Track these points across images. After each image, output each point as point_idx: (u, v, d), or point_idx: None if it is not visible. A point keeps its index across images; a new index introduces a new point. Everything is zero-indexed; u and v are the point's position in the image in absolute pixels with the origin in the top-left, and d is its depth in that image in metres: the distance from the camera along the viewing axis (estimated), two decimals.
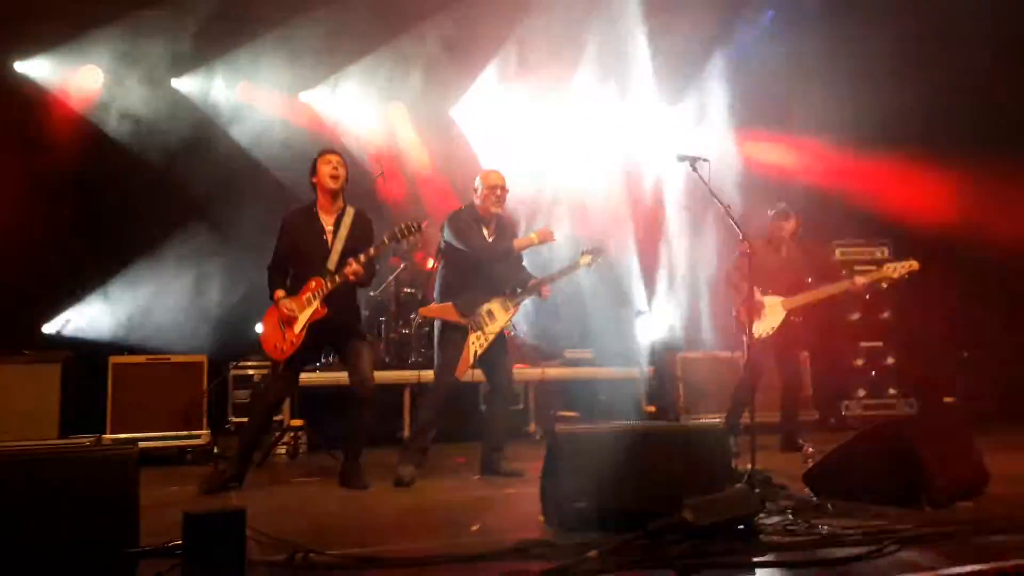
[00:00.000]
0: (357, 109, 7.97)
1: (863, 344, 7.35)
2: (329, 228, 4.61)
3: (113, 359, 5.72)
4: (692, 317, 7.58)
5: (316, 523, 3.60)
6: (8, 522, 2.53)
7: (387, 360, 6.66)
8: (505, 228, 5.02)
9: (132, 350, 6.06)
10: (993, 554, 2.74)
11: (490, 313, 4.81)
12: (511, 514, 3.77)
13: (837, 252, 7.44)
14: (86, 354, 6.06)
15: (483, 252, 4.80)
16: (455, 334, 4.78)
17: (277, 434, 5.84)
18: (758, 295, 5.68)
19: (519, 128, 8.17)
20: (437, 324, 4.94)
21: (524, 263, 5.17)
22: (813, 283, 5.81)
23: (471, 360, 4.76)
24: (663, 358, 7.16)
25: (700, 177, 4.21)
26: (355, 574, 2.75)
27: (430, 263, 6.65)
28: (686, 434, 3.74)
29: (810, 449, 4.85)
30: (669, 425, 5.47)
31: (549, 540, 3.02)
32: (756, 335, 5.62)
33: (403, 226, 4.49)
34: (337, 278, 4.48)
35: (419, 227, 4.52)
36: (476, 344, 4.76)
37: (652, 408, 6.77)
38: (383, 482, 4.60)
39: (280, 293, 4.58)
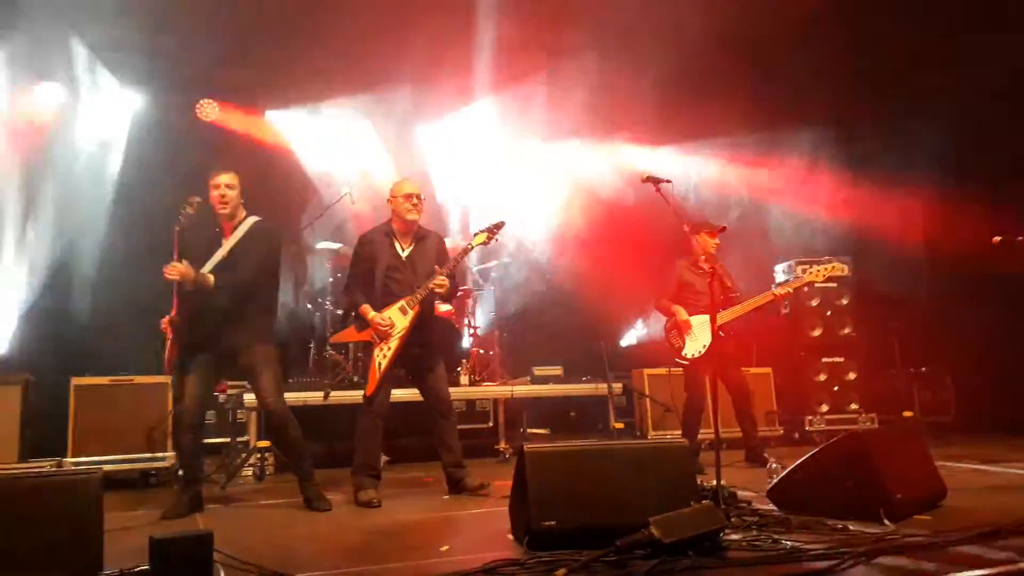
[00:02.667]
0: (325, 127, 8.03)
1: (825, 360, 7.49)
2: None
3: (75, 380, 5.62)
4: (659, 334, 7.68)
5: (284, 545, 3.58)
6: None
7: (356, 379, 6.63)
8: (427, 242, 4.93)
9: (94, 371, 5.94)
10: (950, 565, 2.83)
11: (388, 321, 4.70)
12: (480, 533, 3.78)
13: (799, 269, 7.61)
14: (47, 375, 5.94)
15: (343, 293, 5.09)
16: (367, 353, 4.80)
17: (244, 455, 5.78)
18: (684, 315, 5.76)
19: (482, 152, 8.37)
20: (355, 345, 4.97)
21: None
22: (738, 298, 5.83)
23: (378, 374, 4.66)
24: (630, 375, 7.23)
25: (664, 197, 4.29)
26: None
27: None
28: (653, 451, 3.77)
29: (774, 464, 4.93)
30: (636, 442, 5.52)
31: (518, 559, 3.03)
32: (689, 355, 5.71)
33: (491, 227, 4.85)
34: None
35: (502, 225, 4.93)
36: (380, 356, 4.68)
37: (620, 425, 6.82)
38: (350, 504, 4.58)
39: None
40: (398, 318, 4.71)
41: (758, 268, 7.15)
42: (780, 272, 7.74)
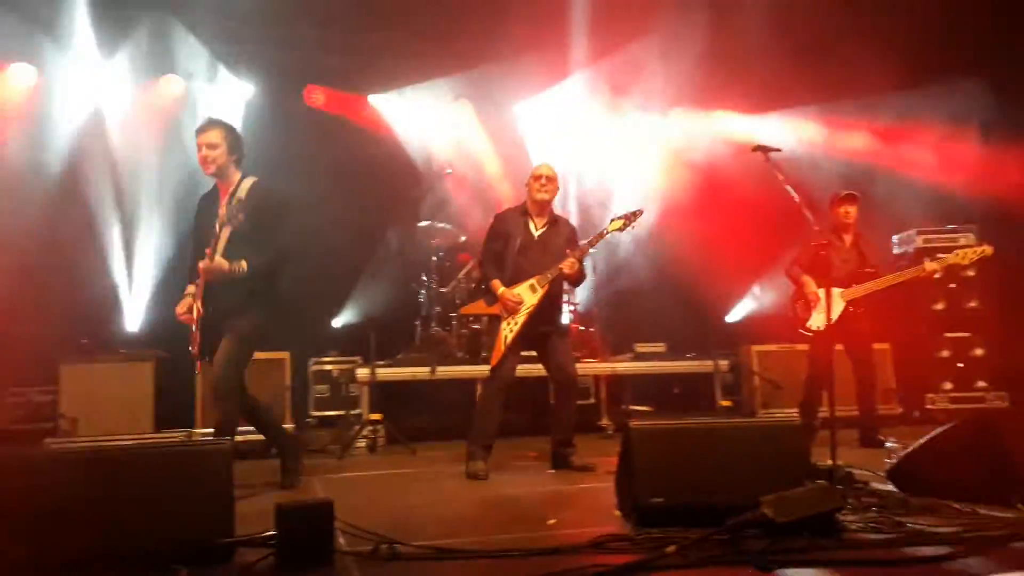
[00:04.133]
0: (424, 107, 8.17)
1: (948, 335, 7.08)
2: None
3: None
4: (768, 308, 7.48)
5: (397, 514, 3.71)
6: (116, 512, 2.70)
7: (460, 355, 6.76)
8: (559, 226, 5.06)
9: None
10: None
11: (518, 297, 4.83)
12: (586, 509, 3.80)
13: (920, 239, 7.20)
14: (176, 352, 6.35)
15: (480, 267, 5.04)
16: (493, 325, 4.90)
17: (357, 428, 6.01)
18: (813, 287, 5.53)
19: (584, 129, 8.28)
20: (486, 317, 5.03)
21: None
22: (876, 272, 5.57)
23: (502, 347, 4.77)
24: (739, 352, 7.06)
25: (775, 167, 4.13)
26: (437, 565, 2.83)
27: None
28: (763, 429, 3.68)
29: (893, 443, 4.72)
30: (746, 420, 5.40)
31: (626, 535, 3.04)
32: (814, 328, 5.49)
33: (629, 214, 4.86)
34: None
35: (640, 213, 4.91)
36: (507, 330, 4.80)
37: (727, 403, 6.68)
38: (458, 476, 4.69)
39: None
40: (527, 295, 4.83)
41: (874, 238, 6.77)
42: (898, 243, 7.34)
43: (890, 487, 3.73)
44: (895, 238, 7.35)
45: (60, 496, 2.61)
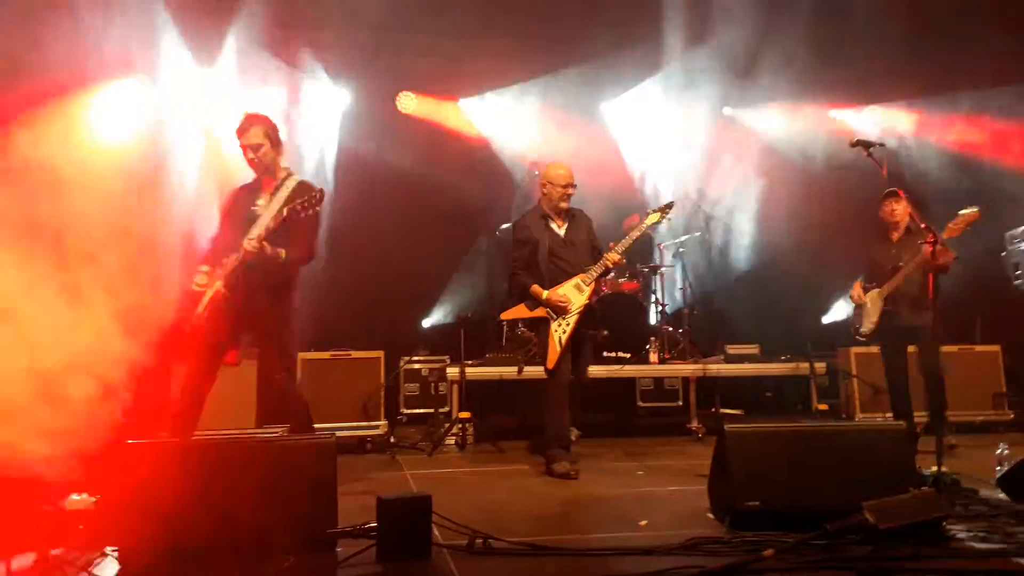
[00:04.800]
0: (511, 109, 8.26)
1: None
2: None
3: (302, 355, 6.22)
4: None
5: (489, 511, 3.77)
6: (227, 503, 2.85)
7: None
8: (578, 220, 5.12)
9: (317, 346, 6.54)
10: None
11: (564, 298, 4.88)
12: (679, 510, 3.76)
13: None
14: None
15: (513, 275, 5.03)
16: (541, 328, 4.94)
17: (447, 425, 6.13)
18: (855, 291, 5.33)
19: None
20: (527, 323, 5.13)
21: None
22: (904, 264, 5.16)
23: (559, 348, 4.81)
24: (836, 354, 6.83)
25: (876, 162, 4.00)
26: (530, 562, 2.88)
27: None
28: (863, 433, 3.58)
29: (1005, 451, 4.48)
30: (843, 424, 5.23)
31: (722, 537, 3.01)
32: (864, 332, 5.28)
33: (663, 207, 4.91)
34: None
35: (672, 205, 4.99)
36: (559, 331, 4.84)
37: (824, 406, 6.48)
38: (545, 475, 4.74)
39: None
40: (574, 295, 4.89)
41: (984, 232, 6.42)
42: (1016, 236, 6.95)
43: (1001, 495, 3.56)
44: (1008, 234, 6.96)
45: (180, 488, 2.79)
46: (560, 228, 5.08)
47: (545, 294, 4.88)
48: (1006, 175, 7.28)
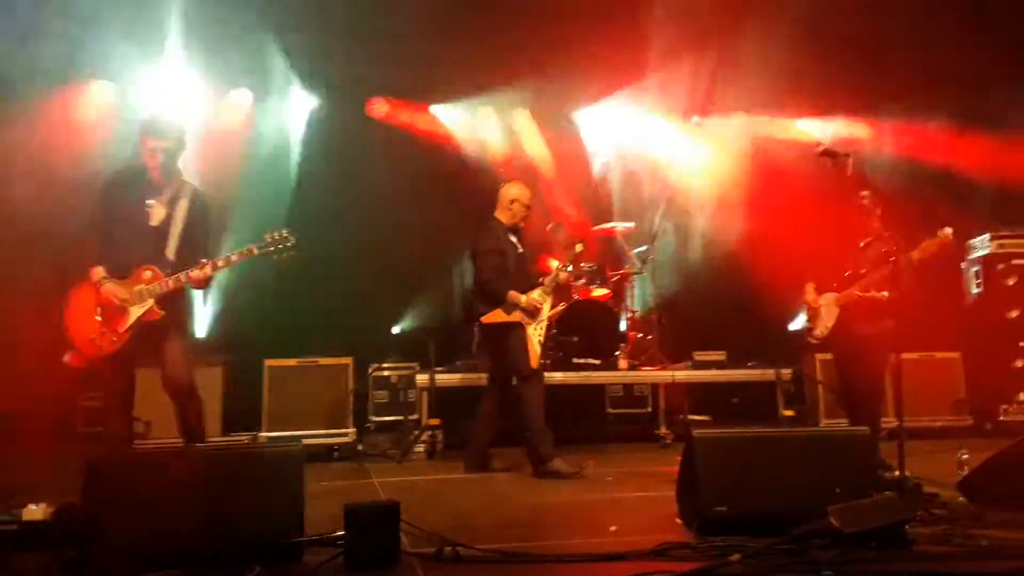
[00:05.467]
0: (482, 117, 8.26)
1: (1023, 344, 6.83)
2: None
3: (268, 362, 6.15)
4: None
5: (459, 518, 3.75)
6: (194, 512, 2.80)
7: None
8: (523, 234, 5.42)
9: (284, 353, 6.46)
10: None
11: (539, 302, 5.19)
12: (648, 516, 3.78)
13: (993, 244, 6.97)
14: (243, 356, 6.54)
15: (490, 281, 5.16)
16: (514, 333, 5.08)
17: (417, 432, 6.09)
18: (810, 294, 5.26)
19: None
20: (495, 329, 5.15)
21: None
22: (865, 274, 5.09)
23: (538, 349, 5.08)
24: (802, 360, 6.92)
25: (841, 171, 4.07)
26: (500, 568, 2.87)
27: (554, 264, 6.76)
28: (830, 439, 3.63)
29: (965, 455, 4.57)
30: (812, 430, 5.30)
31: (690, 543, 3.03)
32: (818, 334, 5.25)
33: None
34: None
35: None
36: (536, 334, 5.12)
37: (790, 412, 6.56)
38: (516, 481, 4.73)
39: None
40: (542, 300, 5.22)
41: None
42: (976, 245, 7.12)
43: (962, 499, 3.63)
44: (973, 241, 7.12)
45: (144, 498, 2.74)
46: (518, 243, 5.35)
47: (523, 299, 5.09)
48: (962, 184, 7.46)
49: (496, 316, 5.14)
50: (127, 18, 6.62)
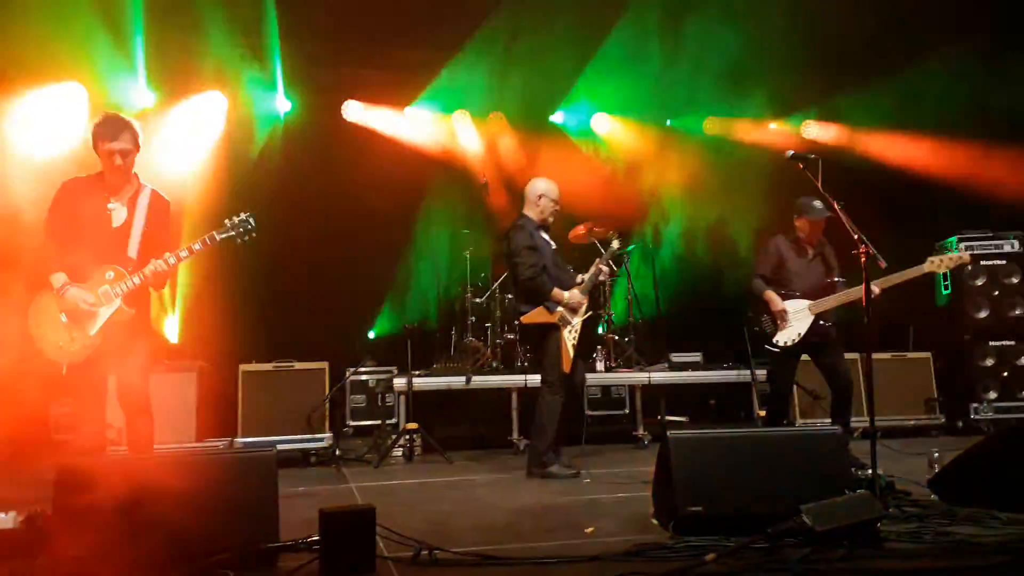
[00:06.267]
0: (459, 120, 8.27)
1: (993, 343, 6.95)
2: None
3: (243, 367, 6.09)
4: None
5: (436, 522, 3.75)
6: (166, 517, 2.77)
7: (495, 364, 6.81)
8: (550, 230, 5.32)
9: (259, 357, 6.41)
10: None
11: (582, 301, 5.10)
12: (624, 517, 3.79)
13: (961, 246, 7.07)
14: (217, 362, 6.48)
15: (533, 279, 5.01)
16: (554, 333, 4.99)
17: (393, 436, 6.07)
18: (778, 304, 5.25)
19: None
20: (534, 330, 5.10)
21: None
22: (840, 283, 5.24)
23: (571, 353, 4.98)
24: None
25: (811, 177, 4.12)
26: (477, 571, 2.87)
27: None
28: (802, 439, 3.67)
29: (936, 453, 4.64)
30: (785, 429, 5.34)
31: (665, 543, 3.04)
32: (781, 343, 5.25)
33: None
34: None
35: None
36: (570, 338, 5.02)
37: (764, 412, 6.61)
38: (495, 484, 4.73)
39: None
40: (584, 299, 5.13)
41: (915, 246, 6.66)
42: (944, 247, 7.23)
43: (933, 497, 3.68)
44: (940, 245, 7.23)
45: (118, 503, 2.70)
46: (551, 240, 5.24)
47: (566, 296, 5.02)
48: (932, 188, 7.58)
49: (535, 316, 5.05)
50: (94, 19, 6.53)
